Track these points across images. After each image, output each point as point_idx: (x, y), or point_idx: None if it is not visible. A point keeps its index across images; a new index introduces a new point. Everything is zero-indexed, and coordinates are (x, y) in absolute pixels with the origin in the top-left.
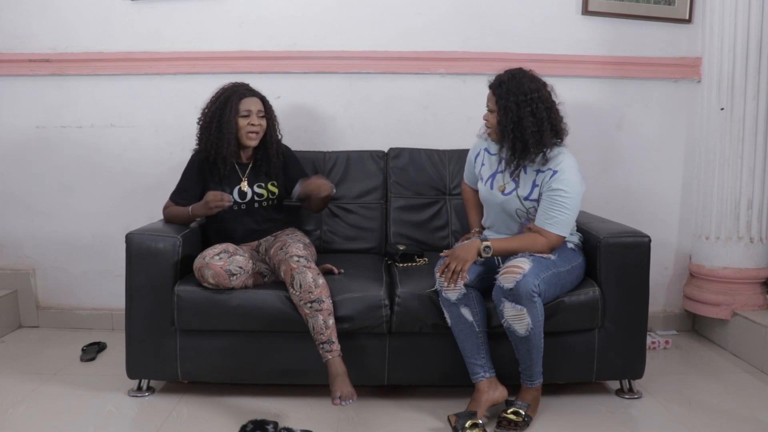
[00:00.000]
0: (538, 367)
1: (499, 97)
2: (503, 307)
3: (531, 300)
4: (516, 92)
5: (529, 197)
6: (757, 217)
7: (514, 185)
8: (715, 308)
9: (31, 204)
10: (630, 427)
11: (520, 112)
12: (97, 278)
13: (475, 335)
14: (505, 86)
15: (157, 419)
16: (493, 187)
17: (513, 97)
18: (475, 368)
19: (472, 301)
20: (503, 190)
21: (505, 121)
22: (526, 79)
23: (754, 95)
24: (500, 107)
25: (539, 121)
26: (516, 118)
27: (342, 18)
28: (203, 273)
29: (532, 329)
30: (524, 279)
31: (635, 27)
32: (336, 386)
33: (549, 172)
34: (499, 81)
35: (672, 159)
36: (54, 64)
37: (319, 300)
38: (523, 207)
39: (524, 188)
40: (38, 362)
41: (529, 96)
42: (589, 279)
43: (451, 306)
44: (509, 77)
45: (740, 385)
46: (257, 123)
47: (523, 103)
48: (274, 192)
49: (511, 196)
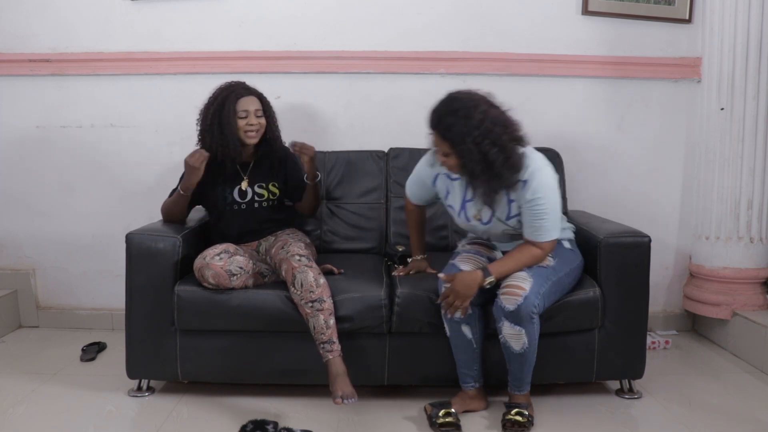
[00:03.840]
0: (528, 377)
1: (453, 143)
2: (502, 325)
3: (530, 321)
4: (469, 131)
5: (510, 216)
6: (757, 217)
7: (489, 212)
8: (715, 308)
9: (31, 204)
10: (630, 427)
11: (481, 149)
12: (97, 278)
13: (472, 350)
14: (455, 129)
15: (157, 419)
16: (469, 220)
17: (468, 137)
18: (466, 378)
19: (474, 320)
20: (480, 219)
21: (471, 164)
22: (470, 107)
23: (754, 95)
24: (458, 152)
25: (503, 147)
26: (480, 156)
27: (342, 18)
28: (203, 273)
29: (527, 348)
30: (525, 301)
31: (635, 27)
32: (337, 386)
33: (519, 184)
34: (446, 126)
35: (672, 159)
36: (54, 64)
37: (320, 300)
38: (509, 227)
39: (501, 210)
40: (38, 362)
41: (482, 127)
42: (589, 279)
43: (452, 323)
44: (453, 117)
45: (740, 385)
46: (255, 122)
47: (479, 139)
48: (275, 192)
49: (492, 223)
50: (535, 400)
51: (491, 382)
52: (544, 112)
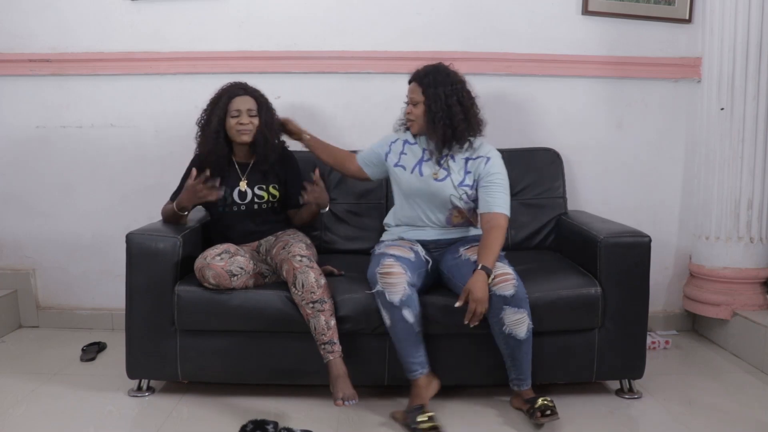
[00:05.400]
0: (530, 368)
1: (427, 87)
2: (504, 314)
3: (527, 302)
4: (443, 82)
5: (462, 183)
6: (757, 217)
7: (446, 172)
8: (715, 308)
9: (31, 204)
10: (630, 427)
11: (448, 101)
12: (97, 278)
13: (414, 335)
14: (431, 77)
15: (157, 419)
16: (423, 174)
17: (441, 87)
18: (413, 366)
19: (414, 302)
20: (437, 176)
21: (434, 108)
22: (450, 71)
23: (754, 95)
24: (428, 96)
25: (466, 109)
26: (445, 106)
27: (342, 18)
28: (204, 273)
29: (530, 329)
30: (518, 282)
31: (635, 27)
32: (338, 387)
33: (482, 160)
34: (424, 72)
35: (672, 159)
36: (54, 64)
37: (321, 300)
38: (456, 193)
39: (457, 175)
40: (38, 362)
41: (454, 86)
42: (590, 278)
43: (393, 308)
44: (433, 69)
45: (740, 385)
46: (246, 122)
47: (450, 92)
48: (275, 195)
49: (445, 182)
50: None
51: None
52: (544, 112)
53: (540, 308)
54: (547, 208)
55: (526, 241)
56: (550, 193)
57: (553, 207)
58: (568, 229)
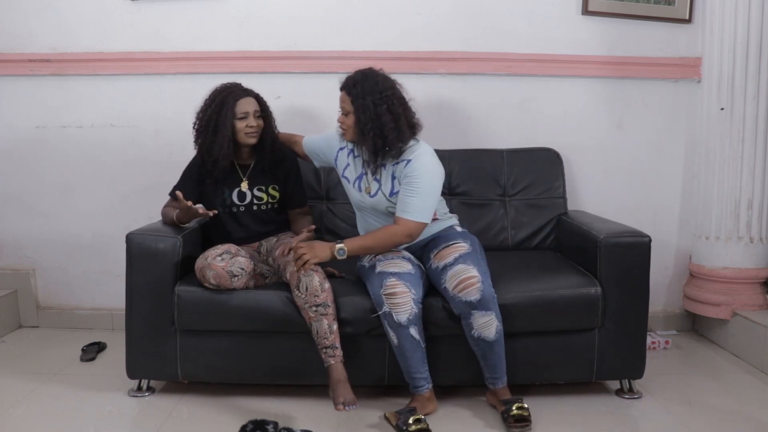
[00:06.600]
0: (504, 366)
1: (355, 97)
2: (472, 319)
3: (494, 301)
4: (371, 91)
5: (393, 193)
6: (757, 217)
7: (377, 185)
8: (715, 308)
9: (31, 204)
10: (630, 427)
11: (377, 110)
12: (97, 278)
13: (420, 350)
14: (360, 86)
15: (157, 419)
16: (360, 189)
17: (369, 96)
18: (419, 381)
19: (419, 319)
20: (369, 192)
21: (364, 119)
22: (379, 77)
23: (754, 95)
24: (357, 107)
25: (396, 117)
26: (374, 116)
27: (342, 18)
28: (205, 273)
29: (500, 330)
30: (484, 285)
31: (635, 27)
32: (338, 392)
33: (404, 163)
34: (353, 81)
35: (672, 159)
36: (54, 64)
37: (325, 304)
38: (392, 204)
39: (386, 185)
40: (38, 362)
41: (383, 93)
42: (590, 278)
43: (400, 328)
44: (362, 77)
45: (740, 385)
46: (255, 124)
47: (379, 101)
48: (274, 196)
49: (378, 197)
50: (535, 400)
51: None
52: (544, 112)
53: (540, 308)
54: (547, 208)
55: (526, 241)
56: (550, 193)
57: (553, 207)
58: (568, 229)
